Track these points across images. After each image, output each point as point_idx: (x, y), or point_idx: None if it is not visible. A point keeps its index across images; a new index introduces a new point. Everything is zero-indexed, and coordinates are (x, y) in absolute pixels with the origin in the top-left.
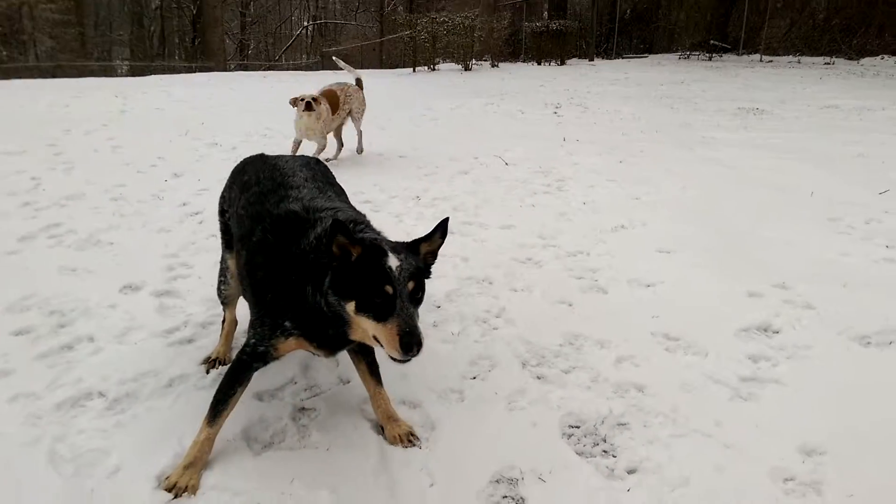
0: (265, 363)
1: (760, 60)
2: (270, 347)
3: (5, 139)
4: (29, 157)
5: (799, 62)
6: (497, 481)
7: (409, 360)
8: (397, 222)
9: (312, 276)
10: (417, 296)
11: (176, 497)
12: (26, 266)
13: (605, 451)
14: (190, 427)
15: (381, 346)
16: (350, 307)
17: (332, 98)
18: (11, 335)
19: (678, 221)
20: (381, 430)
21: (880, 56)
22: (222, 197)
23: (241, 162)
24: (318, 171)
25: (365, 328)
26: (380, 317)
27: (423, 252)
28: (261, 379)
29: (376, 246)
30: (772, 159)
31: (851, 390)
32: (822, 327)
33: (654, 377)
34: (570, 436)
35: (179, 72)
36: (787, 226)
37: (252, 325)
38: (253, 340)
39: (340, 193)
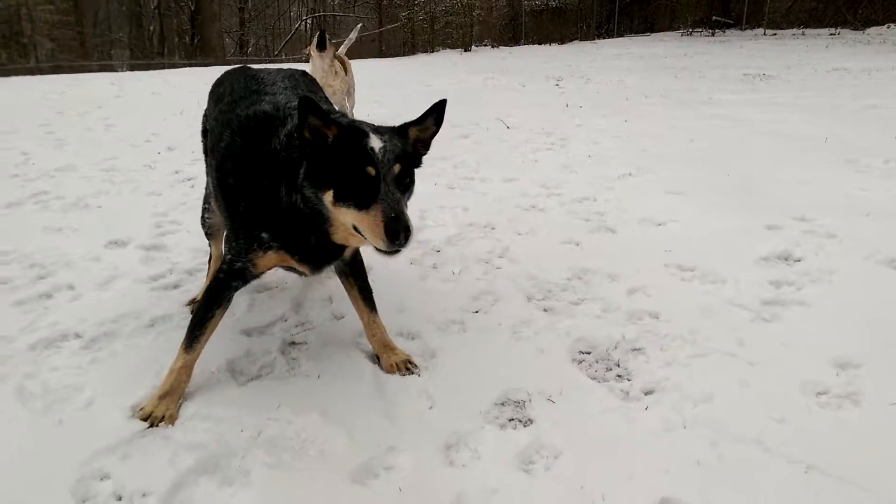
0: (245, 281)
1: (764, 34)
2: (248, 263)
3: None
4: (20, 135)
5: (804, 34)
6: (503, 403)
7: (397, 252)
8: None
9: (286, 174)
10: (405, 181)
11: (152, 426)
12: (10, 227)
13: (619, 376)
14: (170, 360)
15: (365, 238)
16: (328, 198)
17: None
18: None
19: (688, 168)
20: (376, 359)
21: (886, 25)
22: (204, 115)
23: (222, 74)
24: (301, 82)
25: (346, 221)
26: (362, 203)
27: (412, 137)
28: (249, 316)
29: (355, 127)
30: (781, 113)
31: (884, 307)
32: (846, 253)
33: (669, 304)
34: (580, 361)
35: (179, 68)
36: (803, 168)
37: (227, 239)
38: (229, 256)
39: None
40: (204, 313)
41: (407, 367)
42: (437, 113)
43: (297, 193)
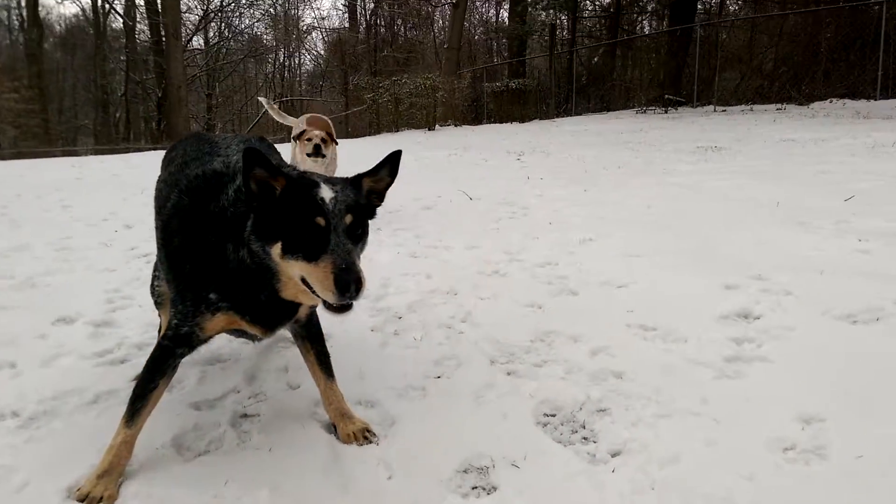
0: (191, 348)
1: (714, 110)
2: (195, 327)
3: None
4: None
5: (752, 109)
6: (465, 471)
7: (348, 308)
8: None
9: (233, 230)
10: (357, 231)
11: None
12: None
13: (584, 438)
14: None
15: (315, 293)
16: (276, 251)
17: (326, 127)
18: None
19: (646, 232)
20: (333, 429)
21: (828, 100)
22: (156, 183)
23: (175, 142)
24: (258, 145)
25: (294, 275)
26: (310, 255)
27: (366, 188)
28: (199, 388)
29: (305, 177)
30: (734, 180)
31: (844, 361)
32: (804, 310)
33: (632, 364)
34: (545, 424)
35: (144, 152)
36: (757, 230)
37: (173, 302)
38: (174, 321)
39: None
40: (146, 384)
41: (365, 435)
42: (391, 163)
43: (244, 248)
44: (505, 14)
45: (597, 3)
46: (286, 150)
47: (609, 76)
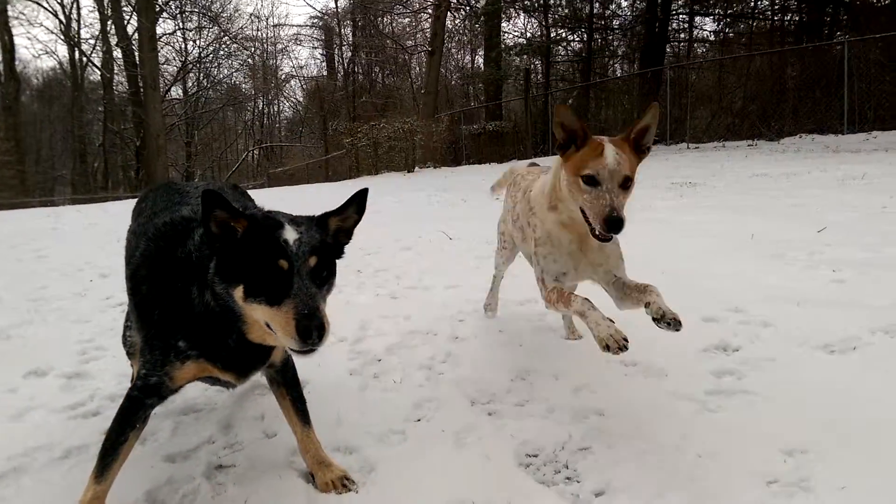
0: (161, 398)
1: (688, 147)
2: (164, 376)
3: None
4: None
5: (724, 146)
6: None
7: (311, 351)
8: (336, 292)
9: (198, 273)
10: (322, 274)
11: None
12: None
13: (568, 478)
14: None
15: (278, 336)
16: (238, 293)
17: None
18: None
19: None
20: (311, 477)
21: (798, 135)
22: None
23: (145, 190)
24: (229, 193)
25: (258, 319)
26: (273, 299)
27: (332, 228)
28: (172, 440)
29: (268, 218)
30: (709, 215)
31: (825, 392)
32: (782, 341)
33: (613, 401)
34: (527, 465)
35: (122, 200)
36: (733, 263)
37: (141, 352)
38: (143, 371)
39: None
40: (116, 437)
41: (343, 483)
42: (358, 201)
43: (209, 291)
44: (480, 60)
45: (569, 48)
46: (261, 196)
47: (584, 117)
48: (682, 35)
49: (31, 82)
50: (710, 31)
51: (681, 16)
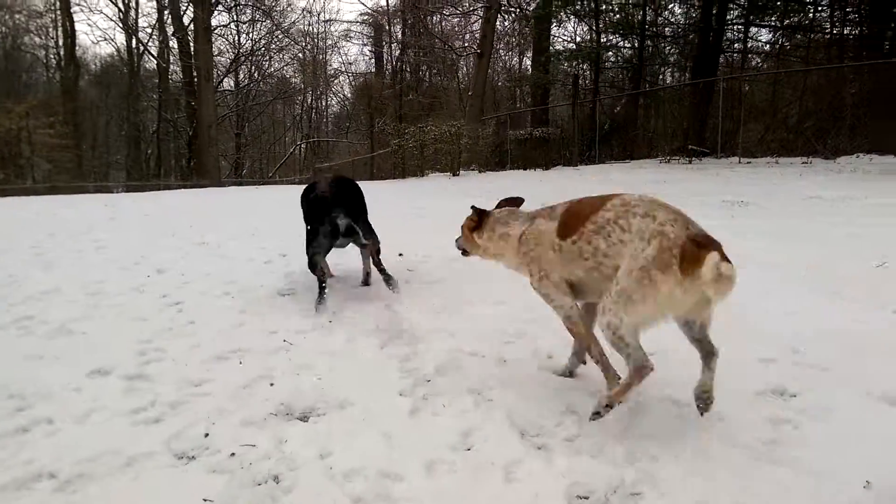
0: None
1: (739, 162)
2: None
3: None
4: (9, 256)
5: (777, 162)
6: None
7: None
8: (384, 304)
9: None
10: None
11: None
12: None
13: None
14: None
15: None
16: None
17: None
18: None
19: None
20: None
21: (855, 154)
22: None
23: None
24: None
25: None
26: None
27: None
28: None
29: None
30: (761, 241)
31: (890, 446)
32: (842, 389)
33: (667, 444)
34: None
35: (174, 189)
36: (787, 299)
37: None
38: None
39: None
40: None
41: None
42: None
43: None
44: (528, 63)
45: (619, 55)
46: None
47: (632, 125)
48: (737, 45)
49: (90, 68)
50: (764, 42)
51: (736, 26)
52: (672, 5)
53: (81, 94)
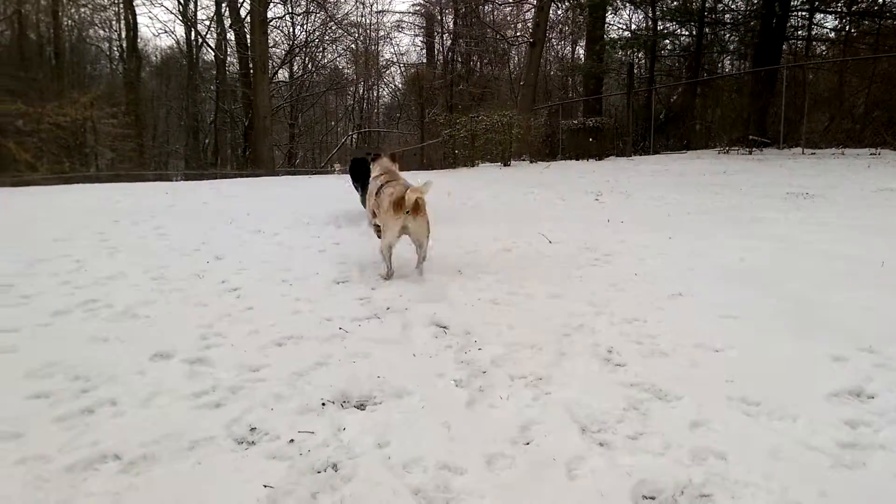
0: None
1: (803, 153)
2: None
3: (55, 228)
4: (75, 242)
5: (843, 153)
6: None
7: None
8: (439, 293)
9: None
10: None
11: None
12: (56, 336)
13: None
14: (212, 489)
15: None
16: None
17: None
18: (28, 398)
19: (740, 289)
20: None
21: None
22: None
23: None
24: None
25: None
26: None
27: None
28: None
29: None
30: (829, 233)
31: None
32: None
33: (736, 443)
34: None
35: (231, 178)
36: (861, 293)
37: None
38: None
39: None
40: None
41: None
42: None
43: None
44: (581, 51)
45: (676, 43)
46: None
47: (689, 115)
48: (800, 32)
49: (151, 60)
50: (830, 29)
51: (800, 12)
52: None
53: (143, 86)
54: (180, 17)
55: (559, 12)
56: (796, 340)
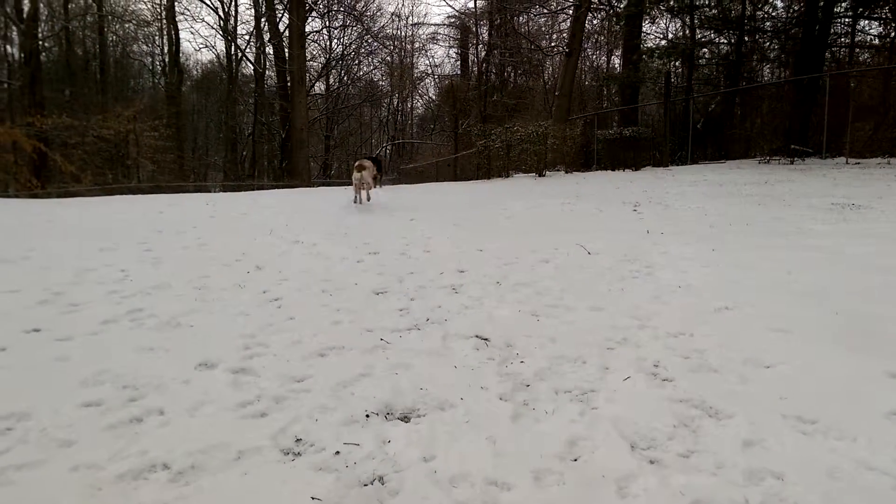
0: None
1: (847, 162)
2: None
3: (100, 238)
4: (120, 252)
5: (889, 163)
6: None
7: None
8: (478, 305)
9: None
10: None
11: None
12: (105, 345)
13: None
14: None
15: None
16: None
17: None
18: (81, 406)
19: (790, 303)
20: None
21: None
22: None
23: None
24: None
25: None
26: None
27: None
28: None
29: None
30: (880, 245)
31: None
32: None
33: (792, 463)
34: None
35: (268, 189)
36: None
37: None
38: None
39: None
40: None
41: None
42: None
43: None
44: (616, 61)
45: (715, 51)
46: (393, 191)
47: (728, 124)
48: (843, 39)
49: (192, 74)
50: (874, 36)
51: (843, 19)
52: None
53: (183, 99)
54: (221, 32)
55: (594, 22)
56: (850, 356)
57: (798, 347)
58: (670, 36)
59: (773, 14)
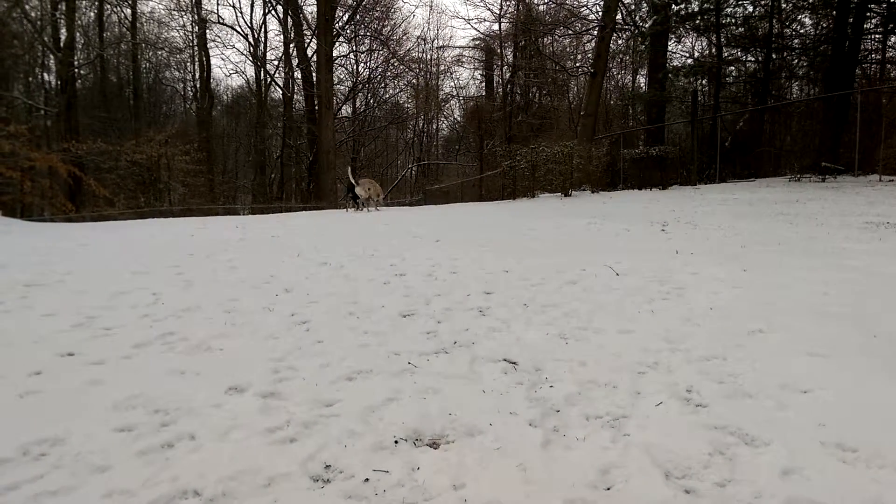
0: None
1: (880, 180)
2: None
3: (132, 262)
4: (152, 276)
5: None
6: None
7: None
8: (505, 328)
9: None
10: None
11: None
12: (137, 369)
13: None
14: None
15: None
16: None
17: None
18: (114, 431)
19: (827, 325)
20: None
21: None
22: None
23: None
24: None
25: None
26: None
27: None
28: None
29: None
30: None
31: None
32: None
33: (834, 493)
34: None
35: (295, 211)
36: None
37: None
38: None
39: None
40: None
41: None
42: None
43: None
44: (642, 80)
45: (742, 69)
46: (418, 212)
47: (756, 142)
48: (874, 56)
49: (222, 99)
50: None
51: (873, 35)
52: (801, 16)
53: (214, 123)
54: (251, 58)
55: (619, 42)
56: (891, 381)
57: (836, 372)
58: (696, 54)
59: (802, 31)
